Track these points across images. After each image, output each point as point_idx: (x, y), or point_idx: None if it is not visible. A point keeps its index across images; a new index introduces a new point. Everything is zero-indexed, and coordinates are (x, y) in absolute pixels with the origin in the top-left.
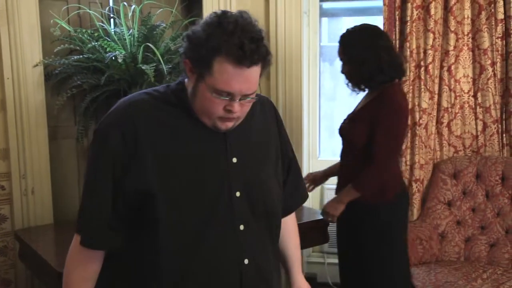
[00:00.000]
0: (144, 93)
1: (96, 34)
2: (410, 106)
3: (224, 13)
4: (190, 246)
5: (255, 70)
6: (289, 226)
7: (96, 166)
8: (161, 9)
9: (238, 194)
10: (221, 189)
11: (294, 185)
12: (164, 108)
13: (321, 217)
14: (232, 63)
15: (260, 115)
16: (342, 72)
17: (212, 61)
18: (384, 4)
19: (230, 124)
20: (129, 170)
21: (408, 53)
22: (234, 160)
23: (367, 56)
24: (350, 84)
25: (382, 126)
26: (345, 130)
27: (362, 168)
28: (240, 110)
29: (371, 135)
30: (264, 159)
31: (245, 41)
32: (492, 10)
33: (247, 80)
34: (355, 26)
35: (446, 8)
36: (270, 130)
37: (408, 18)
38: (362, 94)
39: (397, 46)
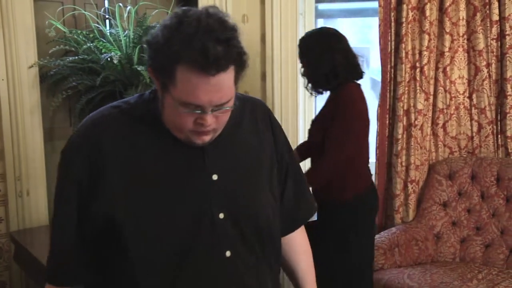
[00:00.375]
0: (111, 107)
1: (91, 35)
2: (405, 107)
3: (185, 11)
4: (168, 279)
5: (226, 76)
6: (296, 244)
7: (60, 197)
8: (157, 10)
9: (221, 215)
10: (201, 212)
11: (293, 196)
12: (133, 122)
13: (312, 218)
14: (196, 71)
15: (249, 120)
16: (302, 75)
17: (173, 70)
18: (380, 6)
19: (206, 138)
20: (95, 197)
21: (404, 54)
22: (215, 177)
23: (323, 59)
24: (309, 87)
25: (334, 122)
26: (309, 132)
27: None
28: (215, 121)
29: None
30: (255, 171)
31: (208, 45)
32: (487, 11)
33: (216, 89)
34: (313, 30)
35: (441, 10)
36: (263, 135)
37: (404, 20)
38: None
39: (393, 47)
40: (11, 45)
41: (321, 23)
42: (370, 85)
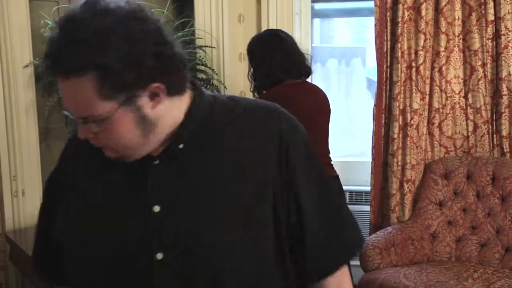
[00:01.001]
0: None
1: None
2: (401, 107)
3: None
4: None
5: (74, 84)
6: None
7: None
8: (152, 10)
9: (159, 256)
10: (136, 252)
11: (319, 239)
12: None
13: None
14: None
15: (244, 135)
16: (249, 79)
17: None
18: (376, 5)
19: (109, 153)
20: (54, 216)
21: (400, 54)
22: (156, 208)
23: (262, 60)
24: (252, 89)
25: None
26: None
27: None
28: (94, 138)
29: None
30: (223, 203)
31: (56, 42)
32: (483, 11)
33: (68, 96)
34: (258, 33)
35: (437, 10)
36: (260, 158)
37: (400, 19)
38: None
39: (389, 47)
40: (6, 45)
41: (317, 22)
42: (366, 84)
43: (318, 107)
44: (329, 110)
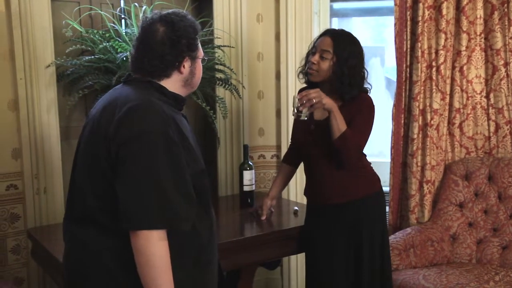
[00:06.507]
0: None
1: (107, 35)
2: (421, 107)
3: None
4: None
5: None
6: None
7: None
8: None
9: None
10: None
11: None
12: None
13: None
14: None
15: None
16: (337, 71)
17: None
18: (396, 4)
19: None
20: None
21: (420, 53)
22: None
23: (363, 64)
24: (340, 87)
25: (360, 115)
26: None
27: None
28: None
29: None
30: None
31: None
32: (505, 10)
33: None
34: (350, 32)
35: (458, 8)
36: None
37: (420, 18)
38: None
39: (408, 46)
40: (29, 45)
41: (336, 22)
42: (385, 84)
43: None
44: None
